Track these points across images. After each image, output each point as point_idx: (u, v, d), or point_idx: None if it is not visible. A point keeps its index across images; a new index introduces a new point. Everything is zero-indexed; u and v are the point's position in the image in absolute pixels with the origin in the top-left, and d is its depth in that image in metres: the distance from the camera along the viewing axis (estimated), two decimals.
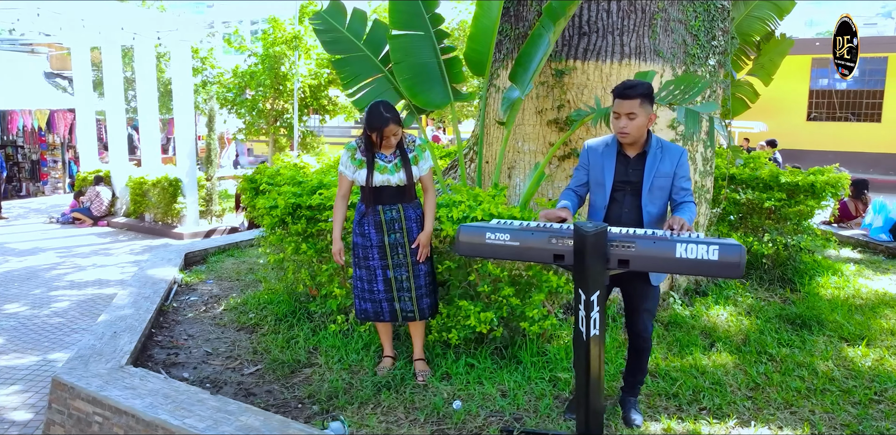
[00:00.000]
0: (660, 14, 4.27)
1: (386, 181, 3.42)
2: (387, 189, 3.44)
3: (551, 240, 2.60)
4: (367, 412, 3.32)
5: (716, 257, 2.42)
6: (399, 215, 3.47)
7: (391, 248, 3.50)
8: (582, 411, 2.91)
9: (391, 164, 3.45)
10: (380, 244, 3.50)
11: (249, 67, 14.15)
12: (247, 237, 6.98)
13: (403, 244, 3.49)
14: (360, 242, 3.54)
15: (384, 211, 3.47)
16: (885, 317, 4.71)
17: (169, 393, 3.33)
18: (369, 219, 3.49)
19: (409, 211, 3.50)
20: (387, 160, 3.46)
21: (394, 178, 3.42)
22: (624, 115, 2.89)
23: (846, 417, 3.29)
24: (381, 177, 3.41)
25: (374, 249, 3.51)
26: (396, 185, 3.44)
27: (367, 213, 3.50)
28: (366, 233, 3.51)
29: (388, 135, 3.36)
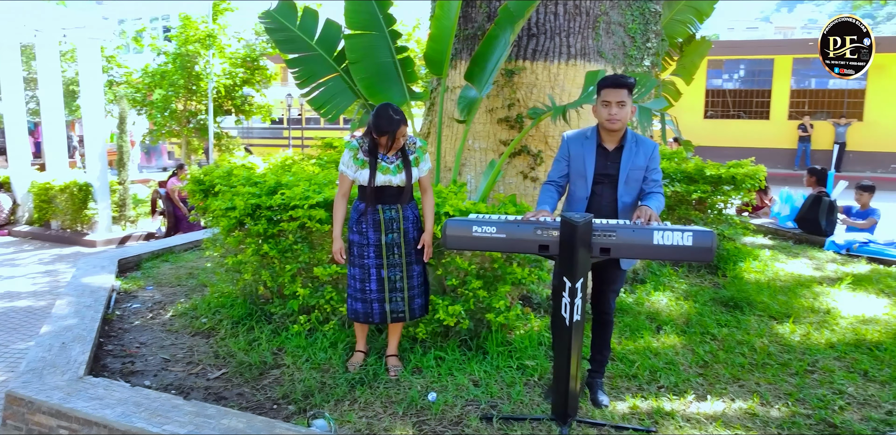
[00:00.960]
0: (602, 17, 4.50)
1: (388, 182, 3.46)
2: (388, 189, 3.48)
3: (537, 231, 2.73)
4: (345, 409, 3.35)
5: (690, 243, 2.62)
6: (398, 215, 3.52)
7: (388, 247, 3.53)
8: (561, 394, 3.06)
9: (393, 166, 3.49)
10: (377, 243, 3.53)
11: (159, 67, 13.63)
12: (181, 241, 6.76)
13: (400, 244, 3.54)
14: (357, 241, 3.55)
15: (384, 211, 3.50)
16: (804, 296, 5.15)
17: (140, 401, 3.23)
18: (368, 218, 3.51)
19: (408, 211, 3.55)
20: (389, 161, 3.49)
21: (395, 178, 3.46)
22: (615, 103, 3.06)
23: (787, 387, 3.60)
24: (383, 177, 3.45)
25: (370, 248, 3.54)
26: (397, 185, 3.48)
27: (366, 213, 3.52)
28: (364, 231, 3.53)
29: (398, 137, 3.40)
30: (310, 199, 3.84)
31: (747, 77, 20.79)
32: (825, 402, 3.43)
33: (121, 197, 11.14)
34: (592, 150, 3.24)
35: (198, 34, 12.82)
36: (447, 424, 3.21)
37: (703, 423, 3.22)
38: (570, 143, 3.29)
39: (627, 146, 3.21)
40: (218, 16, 13.12)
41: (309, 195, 3.86)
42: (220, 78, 13.33)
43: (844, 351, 4.07)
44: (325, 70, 4.44)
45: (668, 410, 3.34)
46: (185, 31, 12.78)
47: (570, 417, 3.10)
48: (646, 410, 3.35)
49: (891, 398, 3.48)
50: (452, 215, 3.65)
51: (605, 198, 3.24)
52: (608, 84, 3.15)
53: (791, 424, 3.21)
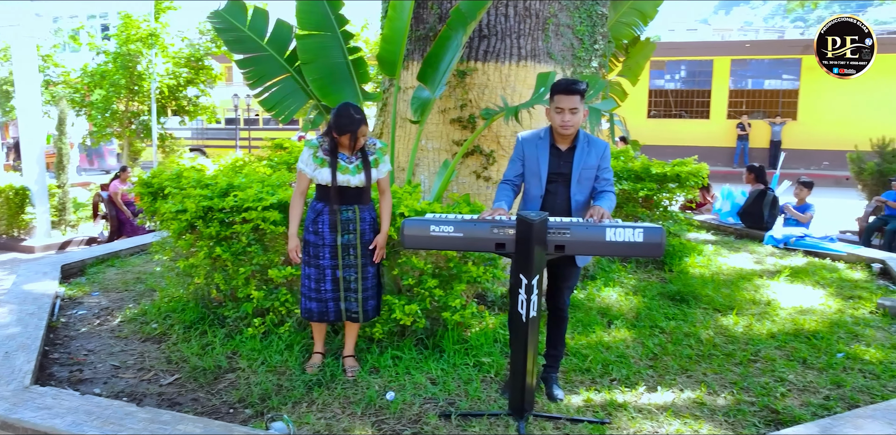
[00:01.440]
0: (552, 19, 4.59)
1: (346, 182, 3.44)
2: (346, 190, 3.47)
3: (493, 230, 2.79)
4: (303, 411, 3.34)
5: (641, 239, 2.71)
6: (355, 216, 3.51)
7: (343, 248, 3.52)
8: (518, 389, 3.12)
9: (353, 166, 3.48)
10: (332, 244, 3.51)
11: (99, 66, 13.22)
12: (126, 246, 6.59)
13: (356, 245, 3.53)
14: (313, 241, 3.54)
15: (341, 211, 3.49)
16: (746, 289, 5.35)
17: (91, 409, 3.16)
18: (325, 218, 3.50)
19: (365, 213, 3.54)
20: (348, 161, 3.48)
21: (354, 179, 3.45)
22: (567, 110, 3.12)
23: (732, 377, 3.75)
24: (342, 177, 3.43)
25: (326, 249, 3.52)
26: (356, 186, 3.47)
27: (322, 213, 3.50)
28: (320, 231, 3.51)
29: (359, 136, 3.39)
30: (263, 201, 3.81)
31: (688, 78, 21.40)
32: (768, 389, 3.58)
33: (60, 201, 10.79)
34: (546, 151, 3.31)
35: (139, 33, 12.49)
36: (406, 423, 3.24)
37: (654, 413, 3.32)
38: (525, 144, 3.36)
39: (580, 146, 3.29)
40: (160, 14, 12.81)
41: (263, 197, 3.83)
42: (163, 78, 13.02)
43: (784, 340, 4.26)
44: (277, 70, 4.41)
45: (621, 401, 3.43)
46: (125, 29, 12.43)
47: (526, 411, 3.17)
48: (599, 402, 3.44)
49: (828, 384, 3.65)
50: (408, 216, 3.67)
51: (559, 196, 3.31)
52: (561, 90, 3.21)
53: (736, 411, 3.34)
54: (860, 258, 6.23)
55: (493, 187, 4.73)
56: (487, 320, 4.29)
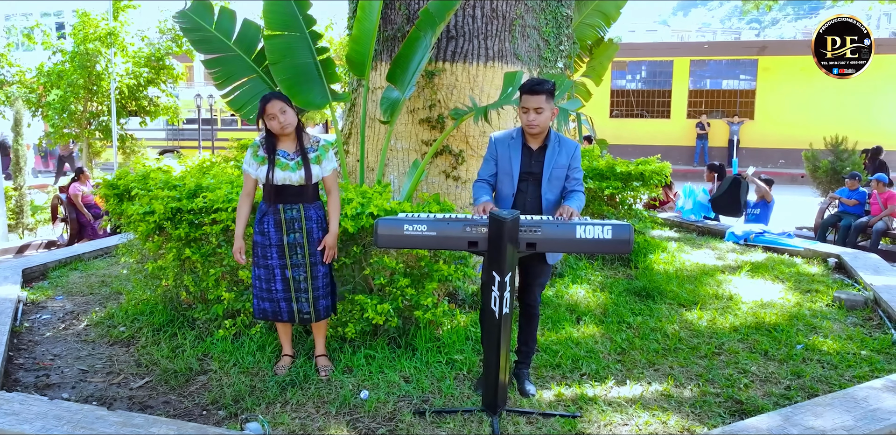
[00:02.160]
0: (518, 20, 4.66)
1: (286, 179, 3.43)
2: (288, 188, 3.46)
3: (466, 228, 2.83)
4: (278, 411, 3.34)
5: (609, 236, 2.78)
6: (299, 215, 3.50)
7: (290, 247, 3.51)
8: (491, 386, 3.17)
9: (293, 162, 3.47)
10: (279, 244, 3.50)
11: (55, 66, 12.92)
12: (89, 249, 6.47)
13: (303, 244, 3.52)
14: (260, 241, 3.52)
15: (284, 210, 3.48)
16: (709, 284, 5.50)
17: (61, 414, 3.11)
18: (269, 218, 3.49)
19: (311, 211, 3.53)
20: (289, 158, 3.47)
21: (294, 175, 3.43)
22: (532, 110, 3.18)
23: (698, 369, 3.86)
24: (281, 174, 3.42)
25: (273, 249, 3.51)
26: (297, 183, 3.46)
27: (267, 213, 3.49)
28: (265, 231, 3.50)
29: (273, 111, 3.37)
30: (234, 202, 3.79)
31: (649, 78, 21.78)
32: (732, 381, 3.70)
33: (17, 204, 10.55)
34: (518, 150, 3.37)
35: (97, 32, 12.23)
36: (381, 421, 3.26)
37: (623, 406, 3.41)
38: (498, 144, 3.41)
39: (551, 146, 3.36)
40: (119, 13, 12.57)
41: (232, 198, 3.81)
42: (122, 78, 12.78)
43: (746, 333, 4.39)
44: (244, 71, 4.38)
45: (591, 395, 3.51)
46: (83, 28, 12.17)
47: (499, 407, 3.22)
48: (570, 396, 3.51)
49: (788, 375, 3.78)
50: (378, 215, 3.69)
51: (530, 195, 3.37)
52: (526, 90, 3.26)
53: (702, 402, 3.45)
54: (816, 253, 6.44)
55: (463, 187, 4.78)
56: (458, 318, 4.33)
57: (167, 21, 13.90)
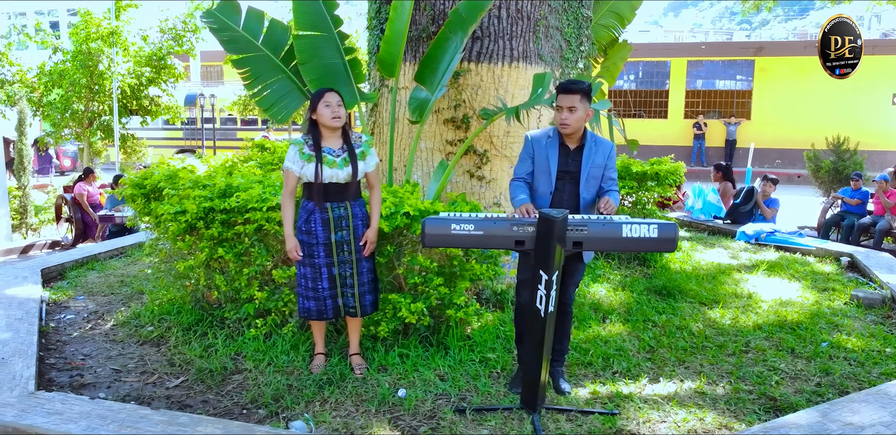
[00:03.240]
0: (542, 21, 4.69)
1: (334, 176, 3.44)
2: (334, 186, 3.47)
3: (513, 227, 2.86)
4: (317, 409, 3.36)
5: (655, 235, 2.81)
6: (346, 213, 3.51)
7: (337, 245, 3.53)
8: (532, 384, 3.20)
9: (340, 159, 3.48)
10: (326, 242, 3.52)
11: (56, 65, 12.85)
12: (105, 249, 6.46)
13: (349, 241, 3.54)
14: (306, 240, 3.54)
15: (332, 208, 3.49)
16: (727, 283, 5.55)
17: (104, 414, 3.12)
18: (316, 216, 3.50)
19: (356, 208, 3.55)
20: (335, 155, 3.49)
21: (342, 173, 3.45)
22: (565, 108, 3.21)
23: (728, 367, 3.90)
24: (329, 171, 3.43)
25: (320, 247, 3.53)
26: (344, 181, 3.47)
27: (314, 211, 3.50)
28: (312, 231, 3.51)
29: (331, 101, 3.40)
30: (268, 202, 3.80)
31: (646, 78, 21.88)
32: (763, 378, 3.74)
33: (21, 204, 10.49)
34: (555, 149, 3.40)
35: (100, 31, 12.18)
36: (422, 419, 3.28)
37: (659, 403, 3.44)
38: (534, 143, 3.44)
39: (588, 146, 3.39)
40: (121, 12, 12.52)
41: (267, 197, 3.82)
42: (124, 77, 12.73)
43: (771, 331, 4.44)
44: (272, 70, 4.39)
45: (626, 393, 3.54)
46: (85, 27, 12.11)
47: (539, 405, 3.25)
48: (606, 394, 3.55)
49: (817, 372, 3.83)
50: (413, 215, 3.72)
51: (567, 193, 3.41)
52: (560, 90, 3.31)
53: (736, 399, 3.49)
54: (828, 252, 6.51)
55: (487, 187, 4.81)
56: (485, 317, 4.36)
57: (168, 20, 13.87)
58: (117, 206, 9.52)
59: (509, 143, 4.77)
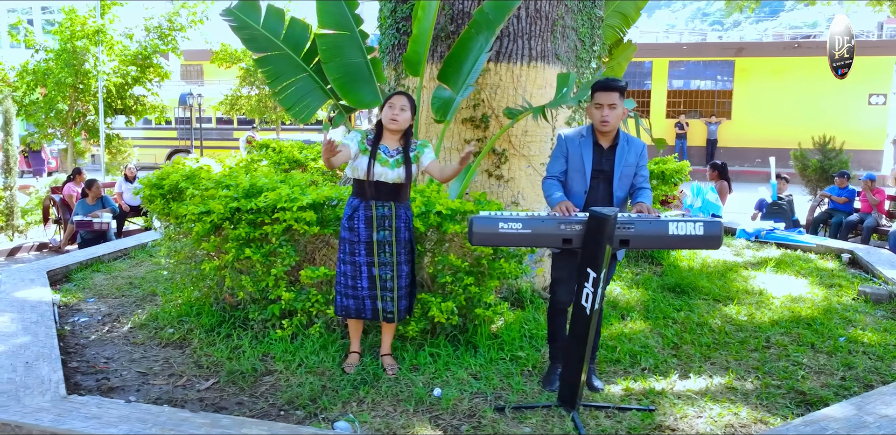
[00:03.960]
0: (559, 21, 4.72)
1: (382, 175, 3.44)
2: (383, 185, 3.47)
3: (560, 226, 2.87)
4: (355, 410, 3.34)
5: (701, 232, 2.85)
6: (391, 213, 3.51)
7: (379, 245, 3.52)
8: (574, 381, 3.22)
9: (392, 160, 3.48)
10: (368, 240, 3.51)
11: (38, 64, 12.61)
12: (108, 250, 6.35)
13: (391, 242, 3.53)
14: (348, 237, 3.52)
15: (377, 207, 3.48)
16: (736, 280, 5.63)
17: (143, 417, 3.07)
18: (360, 214, 3.49)
19: (401, 210, 3.55)
20: (388, 154, 3.49)
21: (392, 173, 3.44)
22: (606, 106, 3.24)
23: (753, 362, 3.96)
24: (379, 169, 3.43)
25: (361, 245, 3.52)
26: (393, 181, 3.47)
27: (358, 208, 3.49)
28: (355, 228, 3.50)
29: (395, 103, 3.41)
30: (298, 201, 3.77)
31: (628, 78, 22.05)
32: (788, 373, 3.80)
33: (7, 205, 10.27)
34: (589, 148, 3.43)
35: (85, 30, 11.97)
36: (462, 418, 3.28)
37: (693, 398, 3.49)
38: (568, 142, 3.46)
39: (620, 144, 3.43)
40: (106, 11, 12.32)
41: (296, 197, 3.80)
42: (110, 76, 12.52)
43: (788, 327, 4.51)
44: (294, 69, 4.35)
45: (659, 389, 3.58)
46: (70, 25, 11.89)
47: (577, 402, 3.27)
48: (639, 390, 3.58)
49: (840, 366, 3.91)
50: (445, 214, 3.72)
51: (601, 192, 3.44)
52: (600, 87, 3.34)
53: (767, 394, 3.54)
54: (828, 249, 6.64)
55: (505, 186, 4.82)
56: (507, 316, 4.37)
57: (153, 19, 13.69)
58: (94, 211, 9.33)
59: (527, 143, 4.79)
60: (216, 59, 14.24)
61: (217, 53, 14.09)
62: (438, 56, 4.61)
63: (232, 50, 13.99)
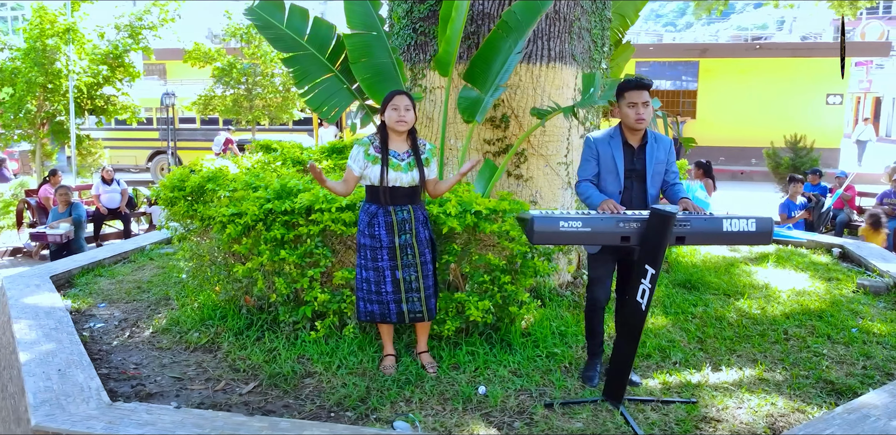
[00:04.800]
0: (577, 22, 4.79)
1: (397, 180, 3.44)
2: (399, 189, 3.47)
3: (619, 224, 2.94)
4: (404, 409, 3.35)
5: (754, 229, 2.95)
6: (410, 216, 3.51)
7: (401, 249, 3.52)
8: (619, 377, 3.29)
9: (404, 163, 3.47)
10: (390, 245, 3.50)
11: (2, 63, 12.19)
12: (109, 254, 6.19)
13: (412, 245, 3.54)
14: (370, 244, 3.51)
15: (395, 211, 3.48)
16: (740, 275, 5.79)
17: (198, 422, 3.03)
18: (380, 220, 3.48)
19: (418, 212, 3.56)
20: (400, 158, 3.48)
21: (406, 177, 3.44)
22: (641, 104, 3.32)
23: (777, 354, 4.09)
24: (393, 174, 3.43)
25: (384, 251, 3.51)
26: (408, 185, 3.47)
27: (377, 215, 3.48)
28: (376, 234, 3.49)
29: (399, 104, 3.41)
30: (336, 202, 3.75)
31: None
32: (812, 363, 3.94)
33: None
34: (620, 148, 3.50)
35: (55, 28, 11.62)
36: (512, 414, 3.32)
37: (730, 390, 3.59)
38: (598, 144, 3.52)
39: (649, 143, 3.51)
40: (77, 8, 11.98)
41: (332, 198, 3.78)
42: (81, 76, 12.18)
43: (801, 320, 4.67)
44: (320, 69, 4.32)
45: (695, 382, 3.68)
46: (40, 24, 11.53)
47: (623, 397, 3.34)
48: (675, 384, 3.67)
49: (860, 356, 4.06)
50: (485, 214, 3.75)
51: (636, 191, 3.52)
52: (633, 87, 3.42)
53: (798, 384, 3.67)
54: (819, 244, 6.87)
55: (524, 185, 4.87)
56: (536, 314, 4.42)
57: (123, 16, 13.37)
58: (52, 222, 9.06)
59: (545, 142, 4.85)
60: (189, 58, 13.95)
61: (190, 52, 13.82)
62: (458, 56, 4.64)
63: (206, 49, 13.73)
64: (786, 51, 20.76)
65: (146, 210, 10.95)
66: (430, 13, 4.72)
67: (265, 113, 13.79)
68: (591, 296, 3.68)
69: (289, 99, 13.60)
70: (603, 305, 3.70)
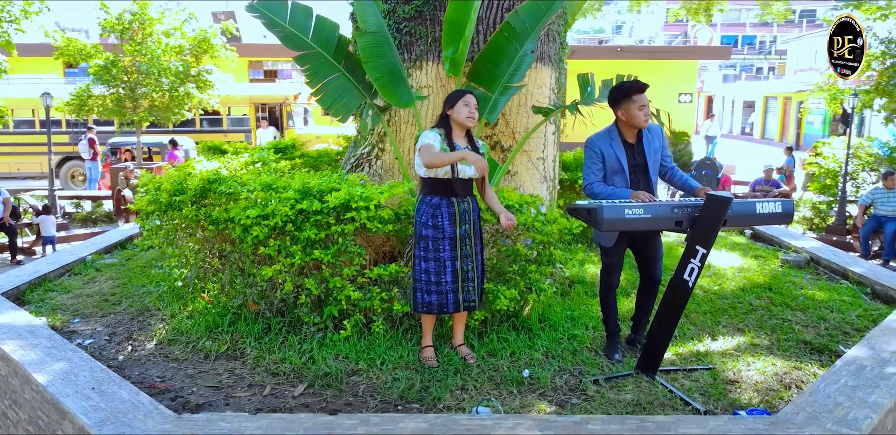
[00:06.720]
0: (553, 26, 5.09)
1: (464, 171, 3.56)
2: (462, 181, 3.59)
3: (674, 210, 3.25)
4: (465, 397, 3.48)
5: (780, 210, 3.38)
6: (469, 208, 3.64)
7: (461, 239, 3.64)
8: (656, 351, 3.63)
9: None
10: (452, 236, 3.61)
11: None
12: (52, 268, 5.67)
13: (471, 236, 3.67)
14: (432, 235, 3.59)
15: (458, 203, 3.60)
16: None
17: (285, 425, 3.01)
18: (444, 211, 3.58)
19: (474, 203, 3.70)
20: None
21: (469, 169, 3.56)
22: (646, 106, 3.66)
23: (753, 322, 4.62)
24: (461, 166, 3.54)
25: (446, 241, 3.61)
26: (470, 177, 3.60)
27: (440, 206, 3.58)
28: (440, 225, 3.58)
29: (470, 103, 3.54)
30: (372, 201, 3.78)
31: None
32: (787, 328, 4.51)
33: None
34: (620, 146, 3.80)
35: None
36: (566, 392, 3.55)
37: (733, 356, 4.04)
38: (601, 145, 3.79)
39: (644, 136, 3.85)
40: None
41: (368, 195, 3.80)
42: None
43: (757, 292, 5.29)
44: (329, 69, 4.26)
45: (703, 351, 4.10)
46: None
47: (658, 368, 3.68)
48: (686, 354, 4.08)
49: (819, 320, 4.69)
50: (516, 207, 3.95)
51: (642, 183, 3.85)
52: (640, 90, 3.75)
53: (784, 347, 4.20)
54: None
55: (511, 179, 5.11)
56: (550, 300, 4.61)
57: None
58: None
59: (527, 139, 5.11)
60: (61, 54, 12.78)
61: (62, 48, 12.66)
62: None
63: (81, 45, 12.63)
64: (643, 53, 22.55)
65: (32, 220, 9.99)
66: (417, 14, 4.82)
67: (150, 114, 12.95)
68: (606, 279, 3.97)
69: (176, 98, 12.86)
70: (615, 287, 4.02)
